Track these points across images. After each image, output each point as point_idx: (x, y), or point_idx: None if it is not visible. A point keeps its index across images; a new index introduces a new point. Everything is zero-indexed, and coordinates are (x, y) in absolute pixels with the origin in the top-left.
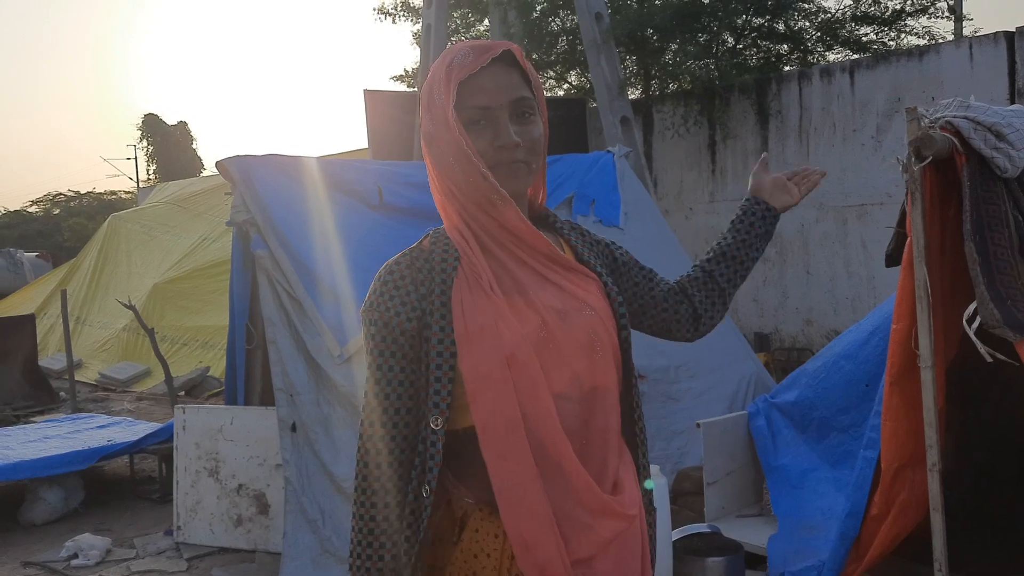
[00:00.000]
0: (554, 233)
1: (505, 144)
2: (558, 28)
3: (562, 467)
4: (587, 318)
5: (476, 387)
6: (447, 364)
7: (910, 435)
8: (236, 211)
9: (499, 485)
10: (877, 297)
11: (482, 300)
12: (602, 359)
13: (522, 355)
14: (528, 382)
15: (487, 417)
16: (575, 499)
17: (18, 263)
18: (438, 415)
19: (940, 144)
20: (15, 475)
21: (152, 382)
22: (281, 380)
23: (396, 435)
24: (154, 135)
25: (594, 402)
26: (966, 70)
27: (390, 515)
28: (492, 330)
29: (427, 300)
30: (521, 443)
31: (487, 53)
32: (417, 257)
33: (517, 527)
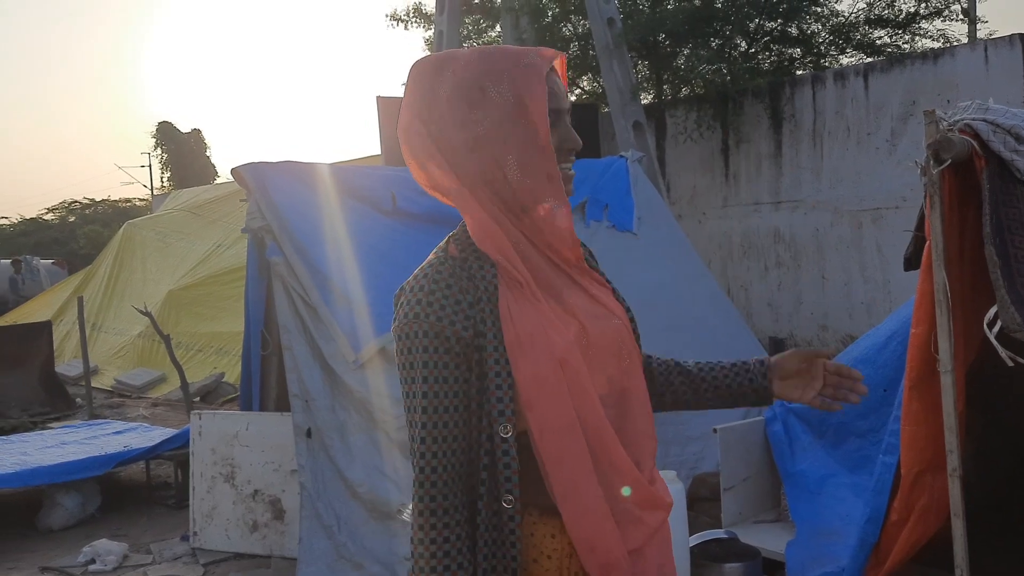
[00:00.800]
0: None
1: (574, 147)
2: (570, 33)
3: (614, 463)
4: (614, 325)
5: (532, 394)
6: (504, 371)
7: (930, 440)
8: (251, 218)
9: (559, 489)
10: (893, 301)
11: (529, 307)
12: (630, 364)
13: (573, 359)
14: (579, 385)
15: (544, 422)
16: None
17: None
18: (505, 422)
19: (959, 147)
20: (33, 481)
21: (167, 388)
22: (296, 386)
23: (459, 449)
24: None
25: (626, 405)
26: (981, 73)
27: (463, 534)
28: (542, 336)
29: (476, 308)
30: (579, 445)
31: (549, 55)
32: (454, 265)
33: (580, 528)
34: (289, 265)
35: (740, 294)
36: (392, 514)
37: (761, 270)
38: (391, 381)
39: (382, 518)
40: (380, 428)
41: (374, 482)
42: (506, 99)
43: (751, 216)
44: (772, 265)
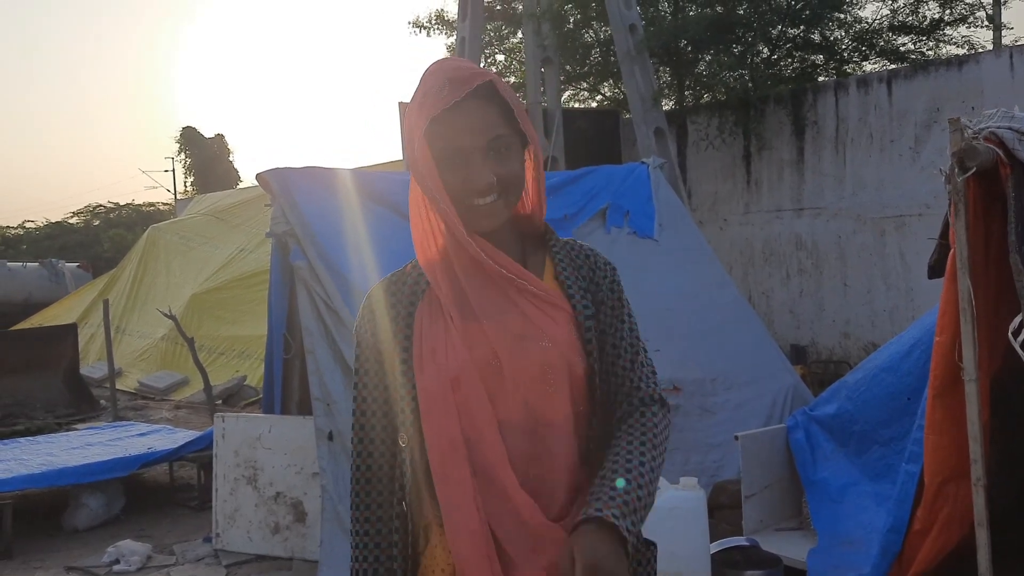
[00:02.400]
0: (542, 252)
1: (477, 187)
2: (592, 40)
3: (504, 490)
4: (543, 350)
5: (425, 408)
6: (409, 383)
7: (953, 449)
8: (276, 223)
9: (443, 505)
10: (916, 309)
11: (438, 324)
12: (555, 392)
13: (466, 379)
14: (472, 407)
15: (431, 436)
16: (517, 522)
17: (59, 273)
18: (403, 432)
19: (984, 155)
20: (58, 481)
21: (190, 391)
22: (319, 389)
23: (380, 451)
24: (192, 148)
25: (543, 434)
26: (1007, 79)
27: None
28: (441, 354)
29: (396, 322)
30: (461, 465)
31: (463, 87)
32: (395, 281)
33: (456, 547)
34: (312, 269)
35: (762, 301)
36: None
37: (783, 277)
38: None
39: None
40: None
41: None
42: (414, 136)
43: (773, 223)
44: (794, 272)
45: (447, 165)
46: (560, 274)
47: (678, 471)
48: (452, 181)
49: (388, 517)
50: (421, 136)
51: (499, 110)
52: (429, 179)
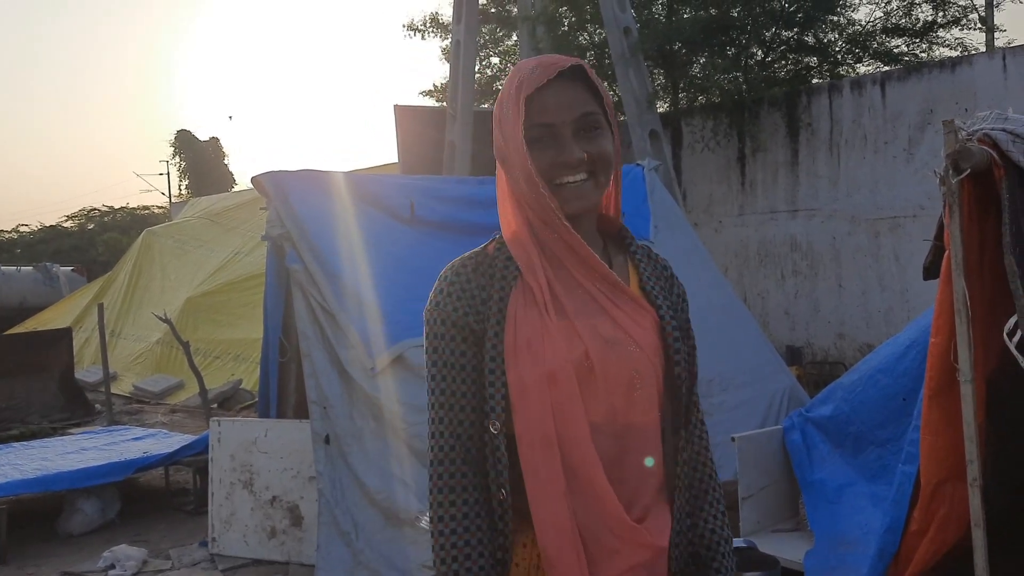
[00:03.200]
0: (624, 255)
1: (567, 161)
2: (586, 42)
3: (593, 489)
4: (631, 354)
5: (517, 400)
6: (499, 369)
7: (949, 450)
8: (271, 226)
9: (532, 498)
10: (911, 310)
11: (533, 316)
12: (642, 397)
13: (562, 376)
14: (566, 404)
15: (524, 430)
16: (604, 523)
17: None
18: (495, 419)
19: (978, 157)
20: (53, 486)
21: (185, 395)
22: (315, 393)
23: (466, 435)
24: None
25: (629, 439)
26: (1000, 81)
27: (477, 518)
28: (538, 347)
29: (487, 305)
30: (553, 460)
31: (552, 67)
32: (482, 262)
33: (545, 541)
34: (308, 272)
35: (757, 302)
36: (410, 521)
37: (778, 278)
38: (407, 389)
39: (399, 525)
40: (398, 435)
41: (392, 489)
42: (508, 117)
43: (768, 224)
44: (789, 273)
45: (537, 145)
46: (643, 278)
47: None
48: (541, 160)
49: (479, 500)
50: (514, 118)
51: (588, 91)
52: (522, 160)
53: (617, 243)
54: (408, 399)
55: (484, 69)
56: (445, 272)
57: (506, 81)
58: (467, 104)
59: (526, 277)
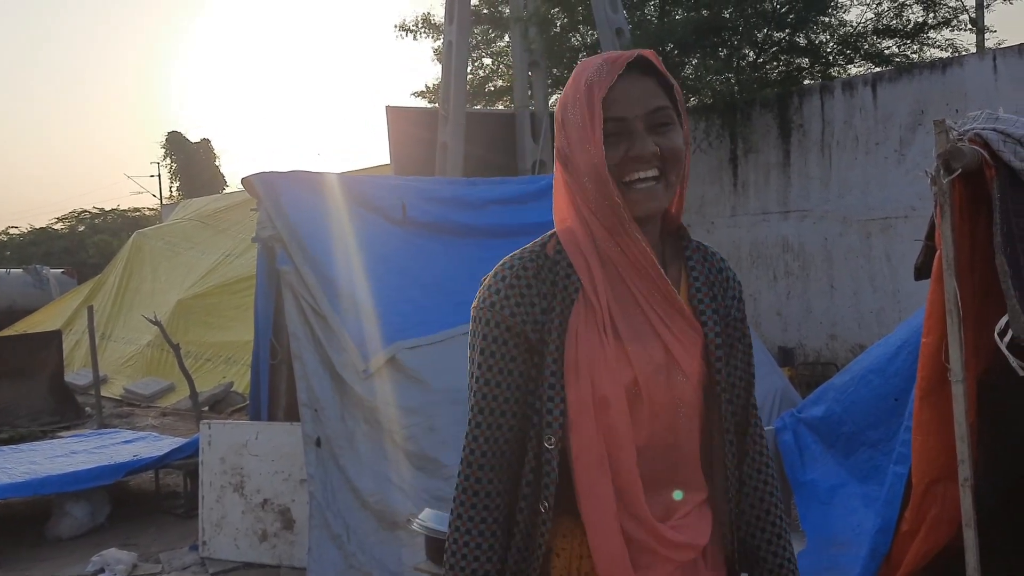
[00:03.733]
0: (679, 260)
1: (640, 155)
2: (578, 44)
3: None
4: (678, 383)
5: (575, 418)
6: (559, 385)
7: (941, 450)
8: (262, 227)
9: (587, 515)
10: (902, 311)
11: (594, 336)
12: (685, 423)
13: (615, 401)
14: (617, 428)
15: (580, 450)
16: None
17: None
18: (551, 435)
19: (969, 157)
20: (42, 490)
21: (176, 397)
22: (306, 395)
23: (504, 440)
24: (178, 153)
25: (670, 458)
26: (990, 82)
27: (494, 523)
28: (597, 368)
29: (547, 315)
30: (607, 481)
31: (620, 61)
32: (543, 266)
33: (600, 561)
34: (299, 274)
35: (749, 303)
36: (402, 524)
37: (770, 279)
38: (400, 391)
39: (391, 528)
40: (390, 438)
41: (384, 492)
42: (577, 120)
43: (760, 225)
44: (781, 274)
45: (608, 142)
46: (693, 288)
47: None
48: (612, 156)
49: (508, 508)
50: (587, 119)
51: (658, 84)
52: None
53: (674, 245)
54: (400, 401)
55: (476, 70)
56: (502, 271)
57: (570, 83)
58: (459, 105)
59: (588, 294)
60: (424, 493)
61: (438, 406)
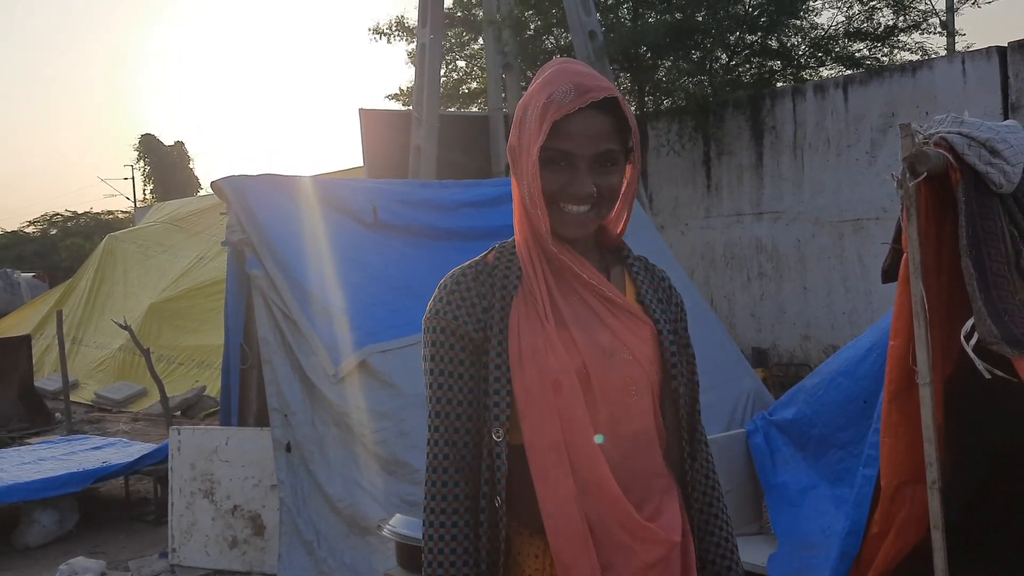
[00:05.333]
0: (621, 266)
1: (577, 194)
2: (552, 46)
3: (603, 491)
4: (626, 363)
5: (524, 407)
6: (504, 378)
7: (909, 452)
8: (231, 231)
9: (544, 505)
10: (874, 312)
11: (536, 325)
12: (638, 404)
13: (567, 384)
14: (571, 410)
15: (533, 438)
16: (617, 522)
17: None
18: (499, 427)
19: (934, 160)
20: (9, 498)
21: (148, 402)
22: (276, 400)
23: (462, 443)
24: (151, 155)
25: (629, 444)
26: (959, 85)
27: (465, 527)
28: (542, 355)
29: (488, 314)
30: (563, 465)
31: (587, 95)
32: (482, 271)
33: (557, 546)
34: (269, 278)
35: (723, 304)
36: (372, 529)
37: (744, 280)
38: (371, 395)
39: (362, 533)
40: (361, 443)
41: (354, 497)
42: (529, 128)
43: (733, 227)
44: (755, 275)
45: (552, 167)
46: (640, 290)
47: None
48: (553, 182)
49: (474, 509)
50: (534, 135)
51: (614, 125)
52: (531, 179)
53: (615, 255)
54: (371, 405)
55: (450, 73)
56: (445, 281)
57: (537, 86)
58: (433, 108)
59: (527, 285)
60: (395, 498)
61: (409, 410)
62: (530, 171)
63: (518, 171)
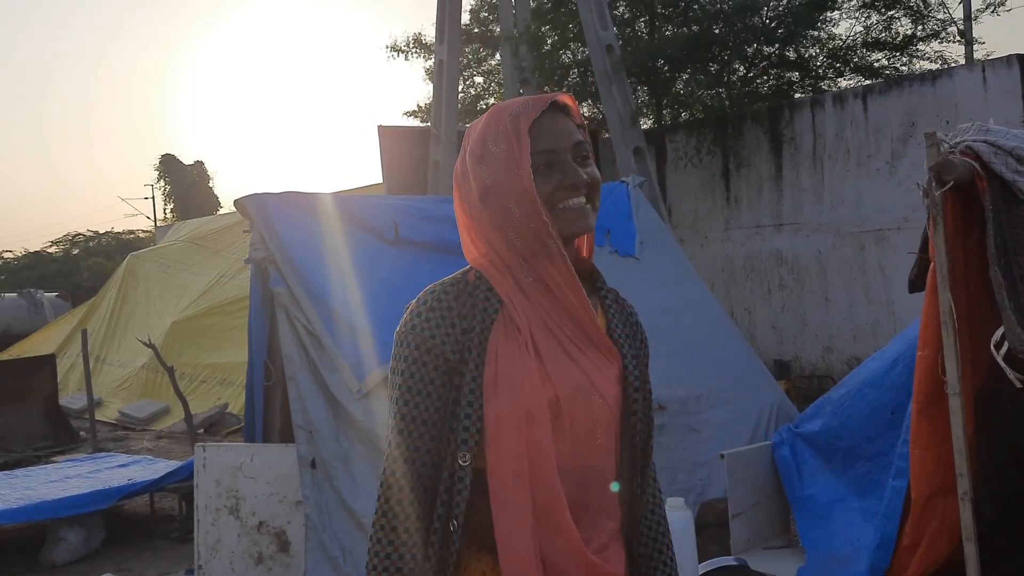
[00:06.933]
0: (595, 297)
1: (574, 183)
2: (569, 61)
3: (557, 524)
4: (595, 403)
5: (494, 434)
6: (477, 403)
7: (939, 463)
8: (254, 248)
9: (500, 531)
10: (897, 323)
11: (515, 353)
12: (602, 444)
13: (539, 415)
14: (539, 442)
15: (497, 465)
16: (567, 555)
17: (38, 303)
18: (466, 451)
19: (961, 169)
20: (36, 515)
21: (171, 420)
22: (300, 416)
23: (421, 463)
24: (171, 175)
25: (588, 480)
26: (979, 93)
27: (413, 547)
28: (518, 383)
29: (467, 335)
30: (524, 494)
31: (545, 99)
32: (463, 290)
33: (509, 572)
34: (292, 295)
35: (744, 317)
36: None
37: (764, 292)
38: None
39: None
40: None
41: None
42: (501, 151)
43: (753, 239)
44: (775, 287)
45: (538, 174)
46: (611, 324)
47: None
48: (545, 186)
49: (420, 529)
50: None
51: (574, 124)
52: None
53: (589, 285)
54: None
55: (467, 89)
56: (424, 296)
57: (484, 122)
58: (451, 124)
59: (511, 312)
60: None
61: None
62: (524, 184)
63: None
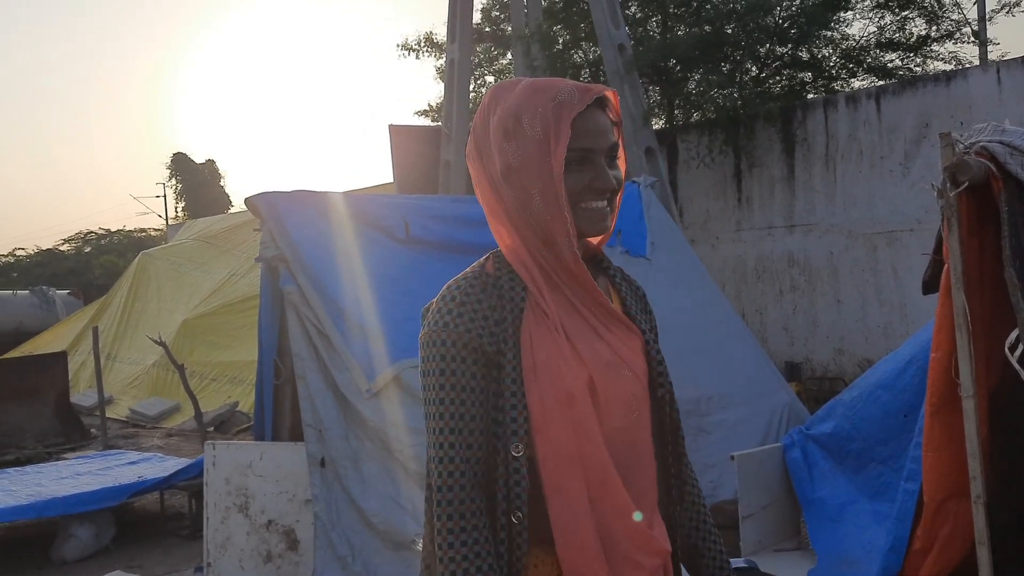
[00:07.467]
0: (604, 277)
1: (603, 188)
2: (581, 60)
3: (614, 504)
4: (628, 379)
5: (540, 421)
6: (520, 392)
7: (952, 466)
8: (265, 247)
9: (555, 517)
10: (910, 325)
11: (548, 337)
12: (637, 419)
13: (580, 397)
14: (583, 423)
15: (548, 450)
16: (625, 534)
17: (50, 301)
18: (518, 442)
19: (976, 170)
20: (47, 512)
21: (181, 418)
22: (310, 415)
23: (476, 460)
24: (183, 173)
25: (632, 455)
26: (994, 94)
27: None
28: (556, 368)
29: (501, 327)
30: (577, 477)
31: (591, 92)
32: (487, 282)
33: (570, 560)
34: (302, 294)
35: (755, 318)
36: (407, 544)
37: (776, 294)
38: (405, 410)
39: (397, 548)
40: (395, 458)
41: (388, 512)
42: (535, 133)
43: (765, 240)
44: (787, 289)
45: (568, 168)
46: (625, 301)
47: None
48: (576, 182)
49: (488, 525)
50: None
51: (610, 122)
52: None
53: (596, 266)
54: (406, 420)
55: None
56: (450, 292)
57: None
58: (462, 123)
59: (537, 298)
60: None
61: None
62: (554, 174)
63: (519, 180)
